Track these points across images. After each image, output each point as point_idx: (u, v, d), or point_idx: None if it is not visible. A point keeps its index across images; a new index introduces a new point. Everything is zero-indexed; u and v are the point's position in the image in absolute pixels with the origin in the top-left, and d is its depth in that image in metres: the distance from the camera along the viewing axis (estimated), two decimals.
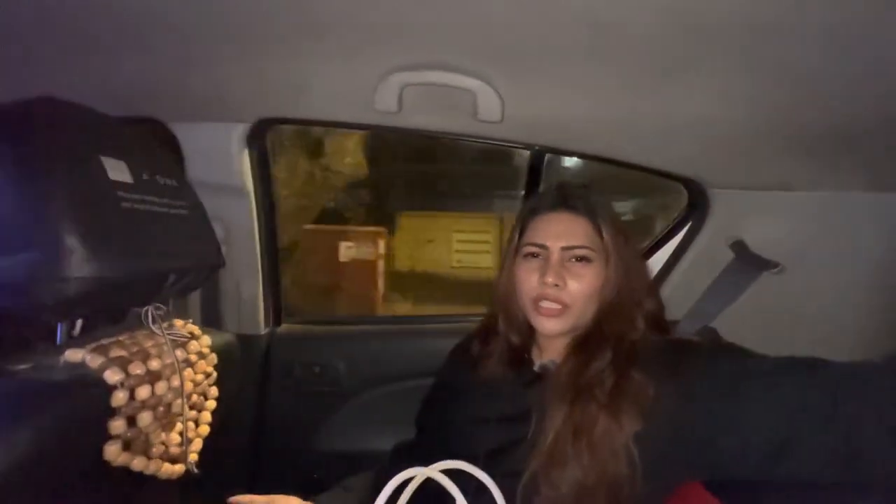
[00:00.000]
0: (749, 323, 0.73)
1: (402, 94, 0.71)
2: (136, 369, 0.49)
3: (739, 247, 0.80)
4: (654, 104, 0.67)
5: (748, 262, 0.75)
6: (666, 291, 0.91)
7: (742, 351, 0.60)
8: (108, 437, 0.47)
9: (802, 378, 0.51)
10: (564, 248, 0.62)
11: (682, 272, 0.90)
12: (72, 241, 0.42)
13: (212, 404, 0.62)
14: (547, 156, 0.94)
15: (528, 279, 0.63)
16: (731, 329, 0.73)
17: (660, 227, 1.02)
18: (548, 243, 0.63)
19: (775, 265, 0.74)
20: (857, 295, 0.84)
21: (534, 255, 0.64)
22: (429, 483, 0.56)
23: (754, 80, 0.59)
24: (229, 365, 0.69)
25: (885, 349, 0.48)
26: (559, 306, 0.61)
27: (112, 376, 0.46)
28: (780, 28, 0.50)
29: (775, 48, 0.53)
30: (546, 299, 0.62)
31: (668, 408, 0.55)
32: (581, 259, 0.62)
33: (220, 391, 0.64)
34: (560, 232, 0.63)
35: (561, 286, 0.61)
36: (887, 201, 0.79)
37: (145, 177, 0.53)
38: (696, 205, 0.88)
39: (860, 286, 0.84)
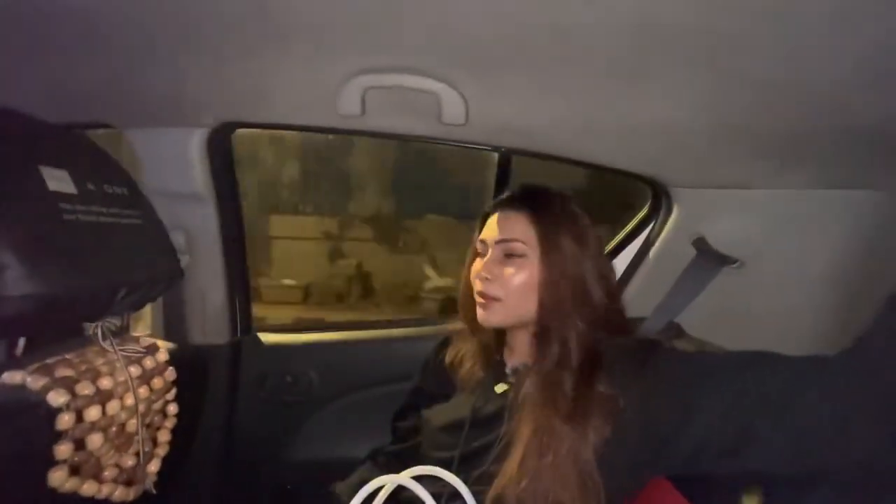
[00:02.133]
0: (712, 318, 0.75)
1: (365, 98, 0.71)
2: (84, 389, 0.47)
3: (701, 244, 0.82)
4: (617, 107, 0.69)
5: (709, 259, 0.77)
6: (632, 289, 0.93)
7: (704, 346, 0.62)
8: (54, 463, 0.44)
9: (760, 372, 0.53)
10: (498, 242, 0.64)
11: (648, 270, 0.92)
12: (7, 258, 0.40)
13: (171, 421, 0.60)
14: None
15: (471, 275, 0.67)
16: (694, 324, 0.75)
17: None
18: (486, 239, 0.66)
19: (734, 261, 0.77)
20: (813, 289, 0.88)
21: (479, 254, 0.67)
22: (404, 490, 0.56)
23: (713, 85, 0.61)
24: (193, 378, 0.67)
25: (841, 343, 0.50)
26: (492, 299, 0.64)
27: (56, 398, 0.44)
28: (736, 37, 0.51)
29: (732, 56, 0.54)
30: (480, 293, 0.64)
31: (634, 409, 0.55)
32: (512, 253, 0.64)
33: (182, 406, 0.62)
34: (496, 228, 0.66)
35: (491, 279, 0.63)
36: (841, 198, 0.83)
37: (91, 186, 0.51)
38: (660, 203, 0.90)
39: (817, 280, 0.88)
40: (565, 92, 0.67)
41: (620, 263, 0.96)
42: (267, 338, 1.04)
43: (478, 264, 0.66)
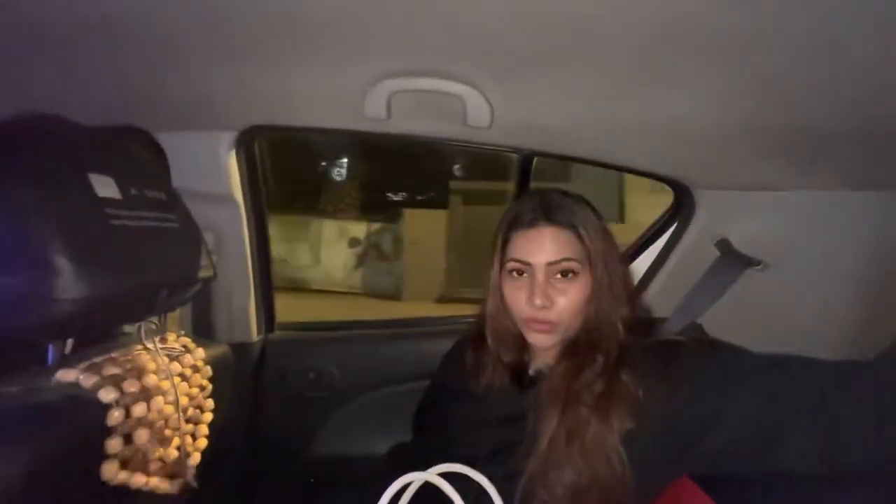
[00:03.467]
0: (734, 320, 0.75)
1: (391, 101, 0.71)
2: (131, 387, 0.49)
3: (724, 245, 0.81)
4: (641, 108, 0.69)
5: (732, 261, 0.77)
6: (653, 290, 0.93)
7: (729, 348, 0.62)
8: (105, 457, 0.46)
9: (791, 374, 0.53)
10: (549, 264, 0.61)
11: (669, 271, 0.92)
12: (61, 262, 0.42)
13: (208, 417, 0.62)
14: None
15: (517, 300, 0.62)
16: (716, 327, 0.75)
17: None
18: (531, 260, 0.61)
19: (758, 262, 0.76)
20: (838, 291, 0.87)
21: (519, 273, 0.63)
22: (428, 487, 0.57)
23: (736, 85, 0.61)
24: (224, 375, 0.69)
25: (866, 345, 0.50)
26: (548, 325, 0.61)
27: (107, 395, 0.46)
28: (759, 36, 0.51)
29: (754, 55, 0.54)
30: (535, 320, 0.61)
31: (659, 407, 0.56)
32: (566, 273, 0.61)
33: (215, 402, 0.64)
34: (543, 248, 0.61)
35: (549, 306, 0.60)
36: (867, 200, 0.82)
37: (133, 191, 0.53)
38: (682, 205, 0.90)
39: (842, 283, 0.87)
40: (589, 93, 0.67)
41: (642, 264, 0.96)
42: (290, 335, 1.06)
43: (521, 287, 0.63)
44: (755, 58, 0.55)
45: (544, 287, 0.60)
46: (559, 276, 0.61)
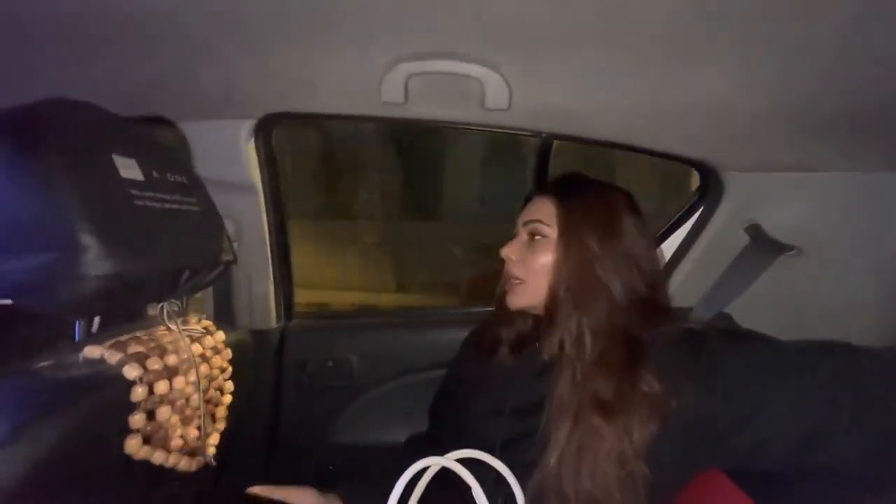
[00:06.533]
0: (765, 310, 0.71)
1: (408, 85, 0.71)
2: (154, 364, 0.50)
3: (755, 230, 0.78)
4: (668, 88, 0.66)
5: (764, 247, 0.74)
6: (678, 278, 0.90)
7: (763, 339, 0.59)
8: (129, 432, 0.47)
9: (833, 366, 0.50)
10: (524, 224, 0.66)
11: (695, 258, 0.89)
12: (87, 240, 0.43)
13: (228, 398, 0.63)
14: None
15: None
16: (746, 316, 0.72)
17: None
18: (517, 222, 0.67)
19: (791, 248, 0.73)
20: (879, 278, 0.82)
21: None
22: (446, 475, 0.56)
23: (773, 63, 0.58)
24: (243, 360, 0.70)
25: None
26: (516, 280, 0.65)
27: (131, 371, 0.47)
28: (799, 11, 0.48)
29: (794, 31, 0.51)
30: (506, 273, 0.66)
31: (687, 402, 0.53)
32: (535, 235, 0.65)
33: (234, 385, 0.65)
34: (526, 211, 0.67)
35: (515, 259, 0.65)
36: None
37: (155, 174, 0.54)
38: (710, 188, 0.86)
39: (883, 269, 0.82)
40: (613, 73, 0.65)
41: (667, 250, 0.93)
42: (309, 323, 1.07)
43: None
44: (800, 34, 0.51)
45: (516, 244, 0.66)
46: (529, 236, 0.65)
